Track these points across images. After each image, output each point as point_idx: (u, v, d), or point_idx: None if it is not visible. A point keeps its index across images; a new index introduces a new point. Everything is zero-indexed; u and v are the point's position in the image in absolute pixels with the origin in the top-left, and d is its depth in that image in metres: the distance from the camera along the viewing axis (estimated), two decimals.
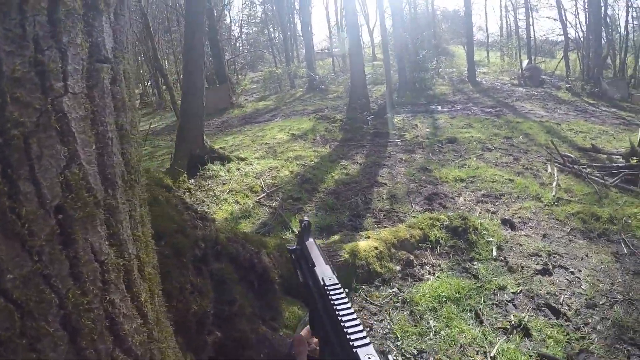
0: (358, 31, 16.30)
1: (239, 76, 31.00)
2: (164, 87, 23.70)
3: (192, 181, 7.78)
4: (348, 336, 0.85)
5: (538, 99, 19.16)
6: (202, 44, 9.31)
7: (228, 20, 40.71)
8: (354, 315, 0.90)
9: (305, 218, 1.36)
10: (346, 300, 0.97)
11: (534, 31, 32.66)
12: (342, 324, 0.88)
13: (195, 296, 2.56)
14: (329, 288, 1.02)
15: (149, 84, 32.09)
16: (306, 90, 24.35)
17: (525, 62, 26.22)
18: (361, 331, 0.86)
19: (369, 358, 0.79)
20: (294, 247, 1.34)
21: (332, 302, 0.97)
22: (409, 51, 22.49)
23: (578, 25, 29.02)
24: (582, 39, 26.30)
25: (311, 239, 1.30)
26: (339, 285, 1.03)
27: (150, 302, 1.33)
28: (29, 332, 0.91)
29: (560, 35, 28.86)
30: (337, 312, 0.93)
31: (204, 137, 8.97)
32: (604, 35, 24.50)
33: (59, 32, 0.95)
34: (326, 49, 44.59)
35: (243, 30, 44.19)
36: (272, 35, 42.41)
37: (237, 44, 41.41)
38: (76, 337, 1.00)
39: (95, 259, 1.05)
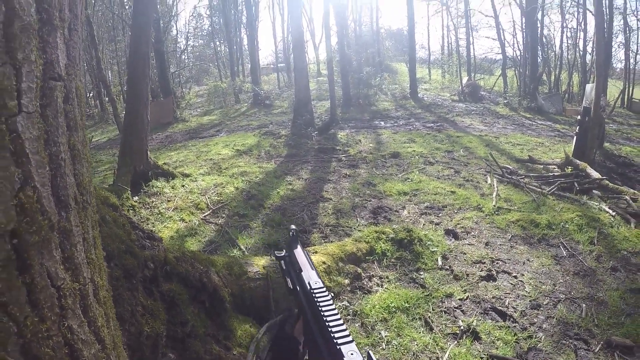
0: (303, 47, 16.49)
1: (184, 89, 30.55)
2: (107, 98, 23.02)
3: (135, 198, 7.52)
4: (332, 334, 0.93)
5: (477, 114, 19.96)
6: (147, 55, 9.00)
7: (174, 32, 40.20)
8: (338, 316, 0.99)
9: (293, 227, 1.46)
10: (331, 302, 1.06)
11: (473, 50, 34.30)
12: (327, 324, 0.97)
13: (147, 318, 2.49)
14: (315, 291, 1.10)
15: (91, 95, 31.10)
16: (251, 105, 24.30)
17: (465, 79, 27.28)
18: (345, 330, 0.95)
19: (351, 354, 0.88)
20: (283, 254, 1.39)
21: (317, 303, 1.05)
22: (353, 68, 22.94)
23: (515, 45, 30.95)
24: (519, 57, 27.99)
25: (299, 247, 1.38)
26: (325, 289, 1.11)
27: (107, 327, 1.30)
28: None
29: (498, 53, 30.36)
30: (322, 313, 1.01)
31: (148, 152, 8.73)
32: (540, 53, 26.11)
33: (13, 47, 0.91)
34: (272, 64, 44.70)
35: (189, 42, 43.78)
36: (218, 48, 42.18)
37: (183, 57, 40.92)
38: None
39: (52, 285, 1.02)
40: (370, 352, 0.86)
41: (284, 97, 25.86)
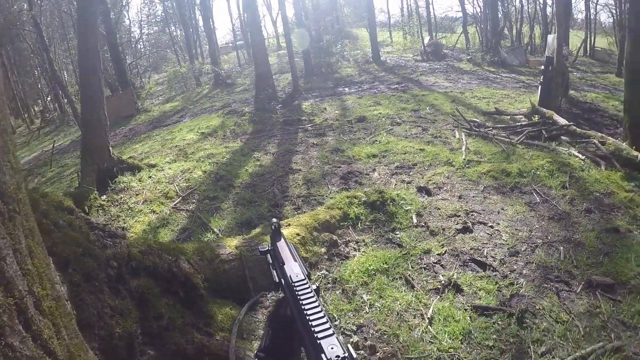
0: (259, 22, 16.20)
1: (143, 79, 29.85)
2: (65, 100, 22.38)
3: (104, 197, 7.35)
4: (313, 329, 0.93)
5: (441, 71, 20.06)
6: (97, 49, 8.60)
7: (127, 22, 39.00)
8: (319, 309, 1.00)
9: (274, 220, 1.45)
10: (312, 294, 1.06)
11: (433, 9, 34.53)
12: (308, 317, 0.97)
13: (117, 319, 2.43)
14: (296, 284, 1.11)
15: (49, 98, 30.23)
16: (213, 87, 23.89)
17: (427, 39, 27.30)
18: (325, 323, 0.95)
19: (332, 348, 0.88)
20: (266, 248, 1.41)
21: (298, 297, 1.06)
22: (312, 37, 22.66)
23: (475, 1, 30.84)
24: (479, 13, 28.01)
25: (282, 240, 1.39)
26: (306, 281, 1.12)
27: (57, 337, 1.24)
28: None
29: (458, 11, 30.53)
30: (302, 307, 1.01)
31: (110, 148, 8.51)
32: (500, 8, 26.18)
33: None
34: (230, 42, 43.92)
35: (143, 31, 42.56)
36: (174, 33, 41.18)
37: (139, 46, 39.82)
38: None
39: None
40: (349, 346, 0.87)
41: (246, 75, 25.47)
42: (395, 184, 6.75)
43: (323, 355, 0.87)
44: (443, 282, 4.31)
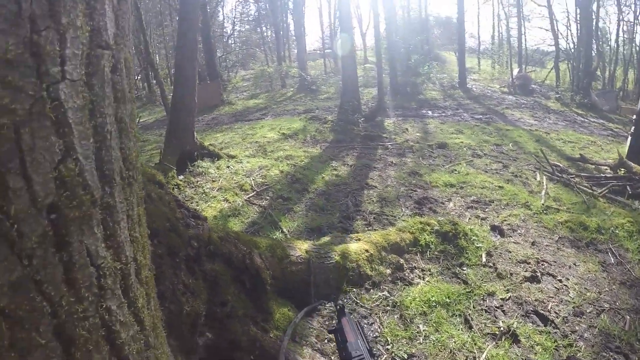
0: (352, 34, 16.29)
1: (230, 73, 30.79)
2: (154, 81, 23.46)
3: (181, 177, 7.60)
4: None
5: (528, 107, 19.38)
6: (195, 39, 8.96)
7: (221, 17, 40.46)
8: None
9: (340, 302, 1.60)
10: None
11: (525, 40, 33.07)
12: None
13: (188, 297, 2.48)
14: None
15: (139, 77, 31.80)
16: (297, 90, 24.22)
17: (515, 71, 26.44)
18: None
19: None
20: (334, 327, 1.54)
21: None
22: (401, 55, 22.59)
23: (569, 37, 29.46)
24: (572, 50, 26.68)
25: (345, 318, 1.52)
26: (363, 356, 1.27)
27: (147, 308, 1.25)
28: (19, 343, 0.83)
29: (551, 45, 29.26)
30: None
31: (195, 133, 8.78)
32: (594, 47, 24.95)
33: (58, 11, 0.85)
34: (318, 49, 44.54)
35: (235, 27, 43.95)
36: (265, 34, 42.29)
37: (229, 41, 41.18)
38: (70, 347, 0.92)
39: (91, 263, 0.97)
40: None
41: (330, 83, 25.69)
42: (470, 218, 6.57)
43: None
44: (502, 328, 4.14)
